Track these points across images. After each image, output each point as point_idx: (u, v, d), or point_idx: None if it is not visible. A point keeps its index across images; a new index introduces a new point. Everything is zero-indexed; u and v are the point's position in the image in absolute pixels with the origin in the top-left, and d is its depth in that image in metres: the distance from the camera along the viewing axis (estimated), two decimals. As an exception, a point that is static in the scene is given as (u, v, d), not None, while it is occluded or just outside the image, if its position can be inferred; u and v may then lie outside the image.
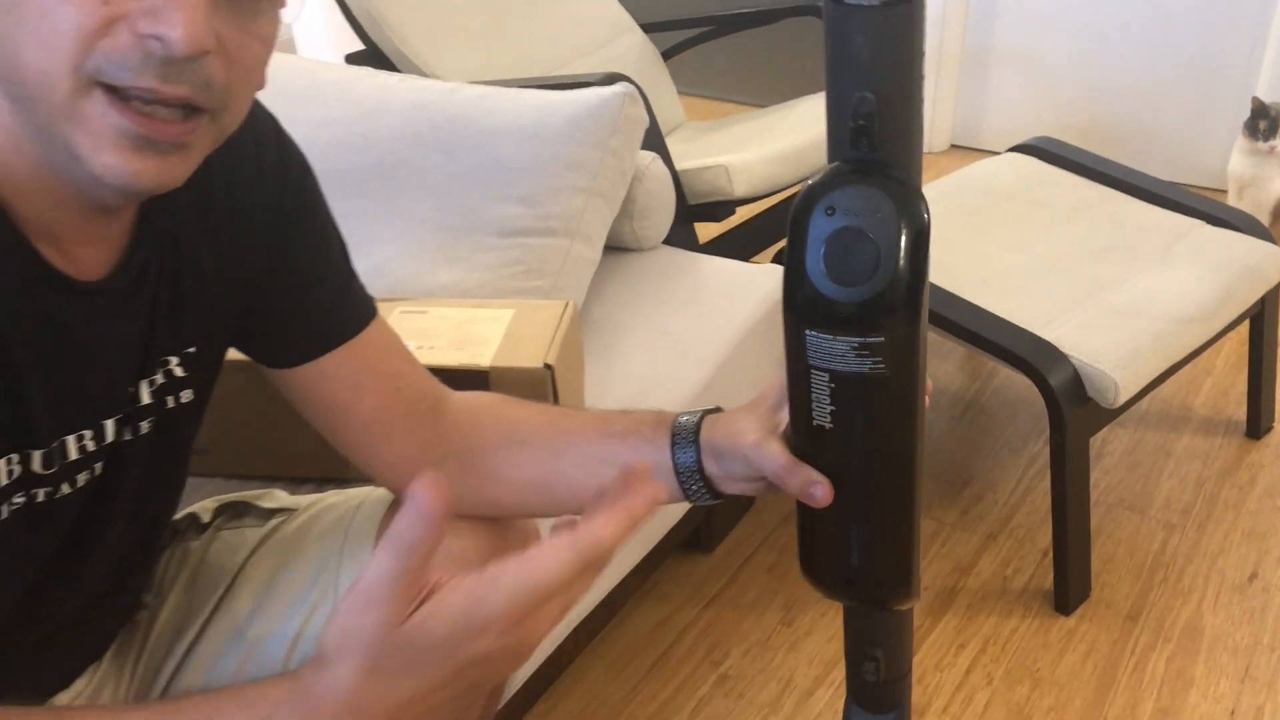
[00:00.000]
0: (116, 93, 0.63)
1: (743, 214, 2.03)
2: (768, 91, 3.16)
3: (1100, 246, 1.83)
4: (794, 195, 2.12)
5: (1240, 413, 2.05)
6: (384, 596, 0.60)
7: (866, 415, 0.75)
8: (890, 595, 0.85)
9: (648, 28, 2.42)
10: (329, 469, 1.17)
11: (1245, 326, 1.91)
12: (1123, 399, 1.54)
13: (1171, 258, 1.80)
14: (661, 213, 1.70)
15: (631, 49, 2.36)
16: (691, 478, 0.86)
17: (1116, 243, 1.84)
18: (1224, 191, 2.55)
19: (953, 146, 3.27)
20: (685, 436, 0.86)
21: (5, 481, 0.70)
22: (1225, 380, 2.18)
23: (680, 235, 1.82)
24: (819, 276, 0.70)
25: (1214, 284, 1.72)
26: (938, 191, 2.00)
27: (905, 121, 0.68)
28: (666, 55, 2.44)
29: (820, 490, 0.77)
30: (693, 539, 1.73)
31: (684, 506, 1.52)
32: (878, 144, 0.68)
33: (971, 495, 1.88)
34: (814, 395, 0.74)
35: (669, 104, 2.37)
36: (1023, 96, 3.15)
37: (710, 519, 1.74)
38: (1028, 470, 1.94)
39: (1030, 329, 1.58)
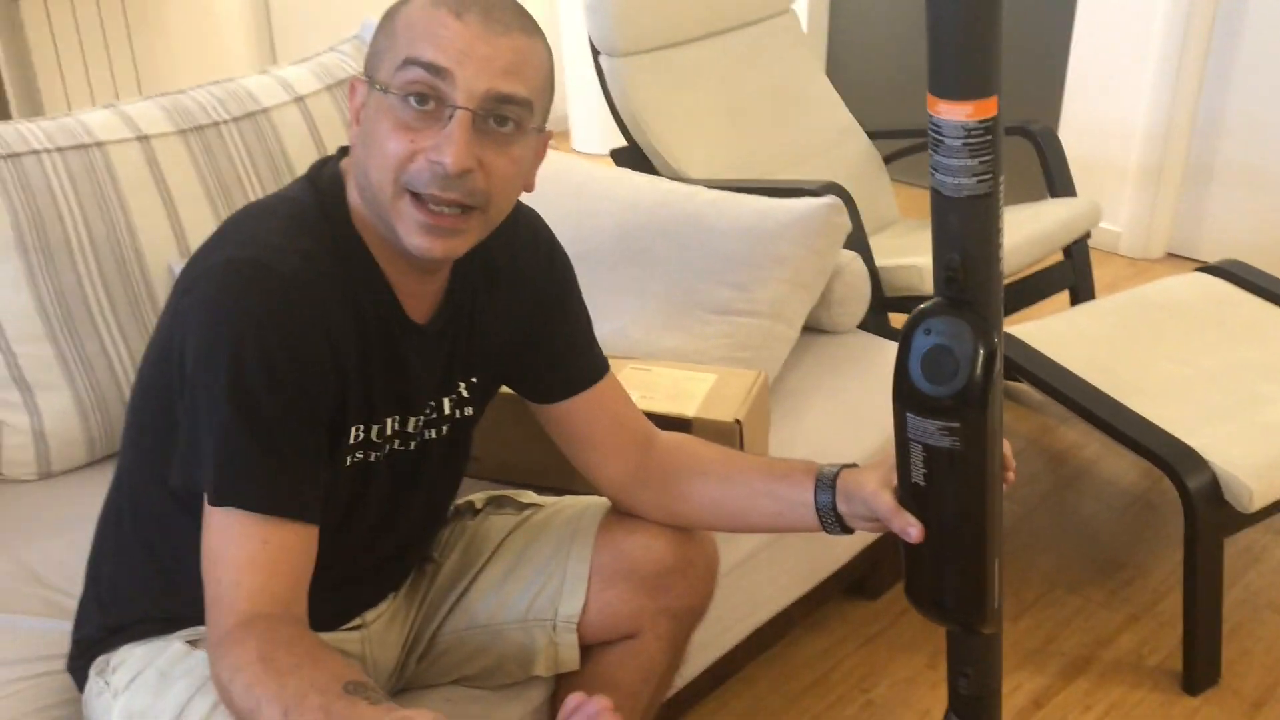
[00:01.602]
0: (417, 196, 1.00)
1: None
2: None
3: (1265, 366, 1.99)
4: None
5: None
6: None
7: (949, 478, 1.03)
8: (970, 618, 1.12)
9: (873, 135, 2.72)
10: (559, 481, 1.52)
11: None
12: (1257, 505, 1.71)
13: (1333, 383, 1.94)
14: (856, 302, 2.00)
15: (857, 153, 2.67)
16: (828, 514, 1.16)
17: (1281, 364, 2.00)
18: None
19: (1168, 255, 3.38)
20: (825, 483, 1.16)
21: (353, 441, 1.09)
22: (1402, 504, 2.25)
23: (875, 321, 2.11)
24: (917, 376, 1.00)
25: (1369, 410, 1.86)
26: (1119, 303, 2.20)
27: (985, 273, 0.98)
28: (888, 159, 2.73)
29: (915, 531, 1.06)
30: (858, 586, 2.00)
31: (846, 555, 1.81)
32: (964, 288, 0.97)
33: (1123, 579, 2.06)
34: (912, 461, 1.04)
35: (885, 204, 2.66)
36: (1242, 210, 3.24)
37: (879, 570, 2.00)
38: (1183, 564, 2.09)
39: (1176, 434, 1.77)
